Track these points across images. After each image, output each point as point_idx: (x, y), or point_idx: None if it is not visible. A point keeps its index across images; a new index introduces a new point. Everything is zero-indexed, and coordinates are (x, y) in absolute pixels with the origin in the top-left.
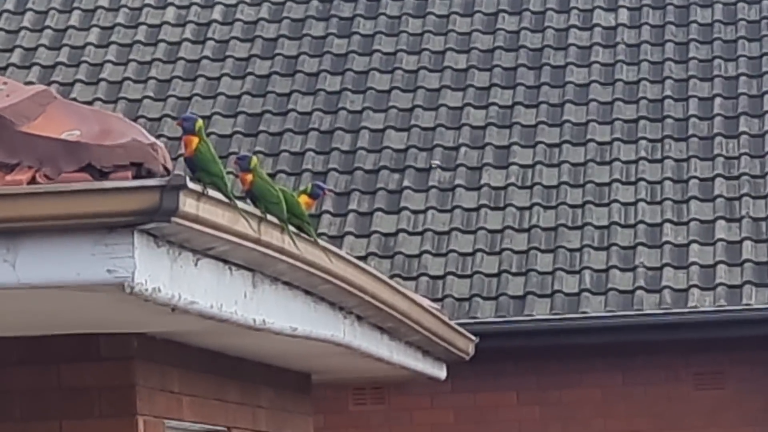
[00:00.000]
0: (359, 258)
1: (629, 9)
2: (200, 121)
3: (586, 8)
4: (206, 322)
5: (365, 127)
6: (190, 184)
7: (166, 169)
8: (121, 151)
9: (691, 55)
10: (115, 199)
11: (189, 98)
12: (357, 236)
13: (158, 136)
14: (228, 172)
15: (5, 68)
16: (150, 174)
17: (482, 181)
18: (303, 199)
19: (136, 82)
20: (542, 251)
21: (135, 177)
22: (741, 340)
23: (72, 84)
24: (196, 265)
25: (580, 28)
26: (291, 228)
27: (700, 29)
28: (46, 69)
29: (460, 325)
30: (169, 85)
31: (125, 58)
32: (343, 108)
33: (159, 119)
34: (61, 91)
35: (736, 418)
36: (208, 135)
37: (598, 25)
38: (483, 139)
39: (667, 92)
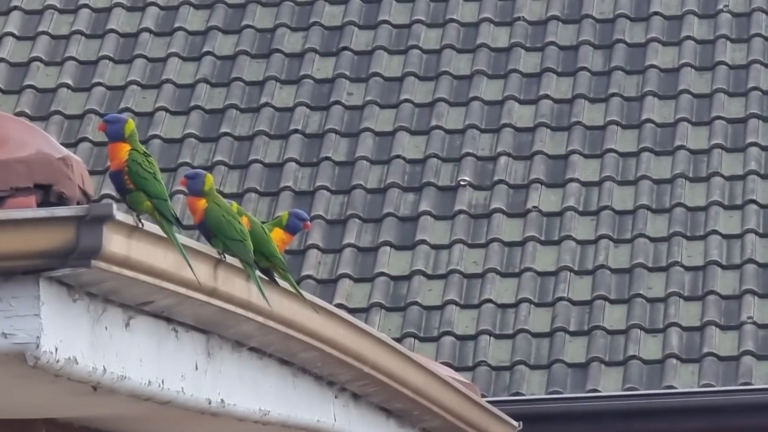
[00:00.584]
0: (359, 311)
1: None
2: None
3: None
4: (142, 405)
5: (368, 129)
6: (118, 214)
7: (84, 192)
8: (21, 168)
9: None
10: (14, 235)
11: (123, 87)
12: (356, 280)
13: (76, 144)
14: (174, 193)
15: None
16: (62, 200)
17: (529, 204)
18: (277, 234)
19: (48, 64)
20: (611, 301)
21: (41, 204)
22: None
23: None
24: (127, 326)
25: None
26: (259, 273)
27: None
28: None
29: (497, 404)
30: (94, 68)
31: (33, 30)
32: (338, 102)
33: (80, 116)
34: None
35: None
36: (145, 142)
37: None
38: (531, 146)
39: None
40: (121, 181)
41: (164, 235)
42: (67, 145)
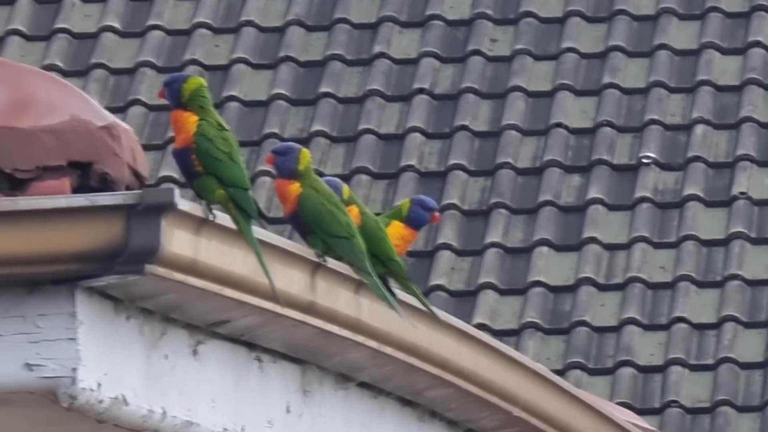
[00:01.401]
0: (505, 334)
1: None
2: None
3: None
4: None
5: (517, 88)
6: (182, 203)
7: (135, 173)
8: (50, 141)
9: None
10: (41, 231)
11: (188, 31)
12: (502, 292)
13: (125, 108)
14: (258, 175)
15: None
16: (105, 183)
17: (735, 190)
18: (395, 230)
19: (86, 0)
20: None
21: (78, 189)
22: None
23: None
24: (194, 353)
25: None
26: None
27: None
28: None
29: None
30: (150, 6)
31: None
32: (478, 51)
33: (131, 70)
34: None
35: None
36: (219, 106)
37: None
38: (737, 111)
39: None
40: (188, 163)
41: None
42: (112, 110)
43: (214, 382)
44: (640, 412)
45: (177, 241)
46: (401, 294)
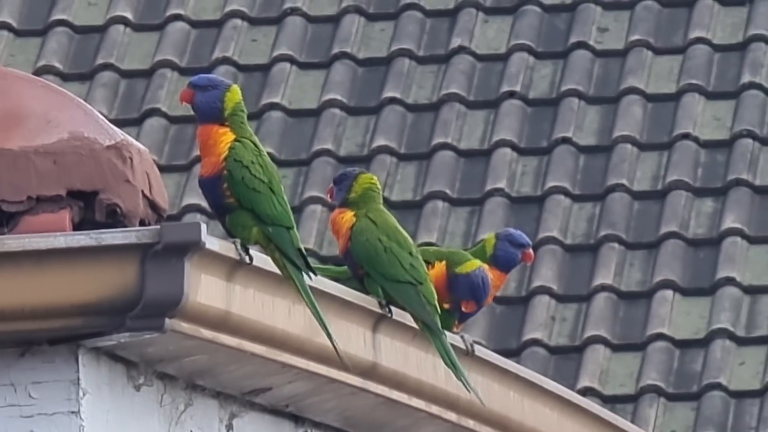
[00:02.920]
0: (620, 401)
1: None
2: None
3: None
4: None
5: None
6: (211, 241)
7: (152, 204)
8: (46, 165)
9: None
10: (36, 278)
11: (218, 22)
12: (615, 348)
13: (140, 120)
14: (307, 203)
15: None
16: (115, 217)
17: None
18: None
19: None
20: None
21: (80, 225)
22: None
23: None
24: (229, 429)
25: None
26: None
27: None
28: None
29: None
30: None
31: None
32: None
33: (147, 73)
34: None
35: None
36: (256, 116)
37: None
38: None
39: None
40: (218, 194)
41: (282, 273)
42: (123, 123)
43: None
44: None
45: (205, 289)
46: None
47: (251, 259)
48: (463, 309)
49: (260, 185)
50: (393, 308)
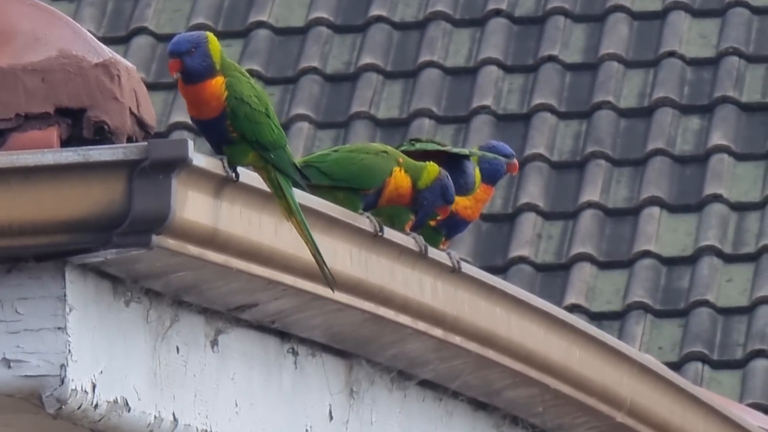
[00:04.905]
0: (607, 318)
1: None
2: (214, 39)
3: None
4: None
5: None
6: (198, 157)
7: (139, 122)
8: (33, 82)
9: None
10: (21, 195)
11: None
12: (602, 265)
13: (128, 38)
14: (294, 121)
15: None
16: (102, 134)
17: None
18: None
19: None
20: None
21: (67, 142)
22: None
23: None
24: (213, 345)
25: None
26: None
27: None
28: None
29: None
30: None
31: None
32: None
33: None
34: None
35: None
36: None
37: None
38: None
39: None
40: (220, 131)
41: (271, 192)
42: (110, 41)
43: (238, 381)
44: None
45: (192, 205)
46: (436, 253)
47: (237, 176)
48: (441, 216)
49: (260, 116)
50: (384, 229)
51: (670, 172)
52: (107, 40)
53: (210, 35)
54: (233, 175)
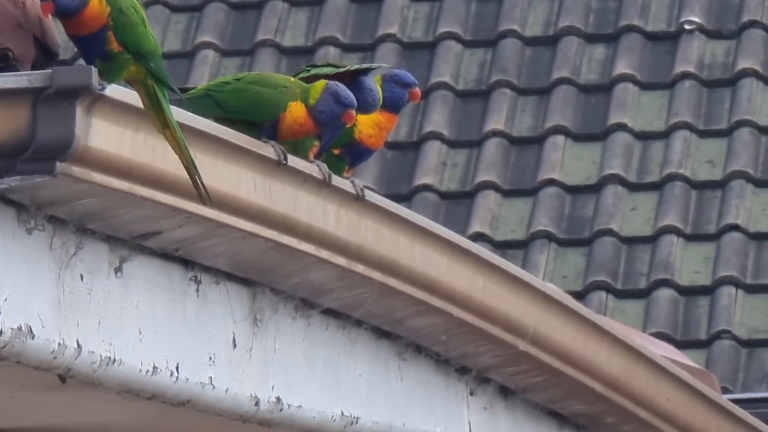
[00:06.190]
0: (510, 247)
1: None
2: None
3: None
4: (145, 407)
5: None
6: (102, 84)
7: (45, 48)
8: None
9: None
10: None
11: None
12: (506, 193)
13: None
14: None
15: None
16: (6, 62)
17: None
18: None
19: None
20: None
21: None
22: None
23: None
24: (117, 272)
25: None
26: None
27: None
28: None
29: (753, 405)
30: None
31: None
32: None
33: None
34: None
35: None
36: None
37: None
38: None
39: None
40: (100, 44)
41: (147, 105)
42: None
43: (142, 309)
44: (682, 345)
45: (96, 132)
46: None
47: (104, 88)
48: (347, 124)
49: (139, 26)
50: (288, 157)
51: (575, 101)
52: None
53: None
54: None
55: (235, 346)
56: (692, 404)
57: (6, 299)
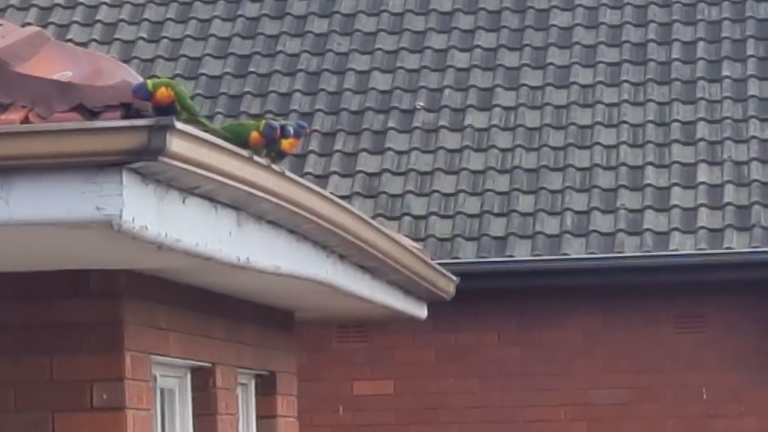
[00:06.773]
0: (343, 198)
1: None
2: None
3: None
4: (192, 260)
5: (351, 69)
6: (178, 125)
7: (155, 109)
8: (111, 92)
9: None
10: (105, 138)
11: (180, 40)
12: (342, 176)
13: (150, 77)
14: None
15: (4, 9)
16: (138, 114)
17: (465, 123)
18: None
19: (130, 23)
20: (524, 192)
21: (124, 117)
22: (721, 283)
23: (68, 26)
24: (183, 203)
25: None
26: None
27: None
28: (44, 11)
29: (442, 265)
30: (161, 26)
31: (120, 0)
32: (330, 50)
33: (151, 60)
34: (57, 33)
35: (715, 361)
36: (198, 76)
37: None
38: (467, 81)
39: (651, 36)
40: (172, 109)
41: (210, 139)
42: None
43: (193, 218)
44: (414, 240)
45: (174, 144)
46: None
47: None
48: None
49: (188, 100)
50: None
51: None
52: None
53: (147, 81)
54: (193, 131)
55: (230, 235)
56: (418, 262)
57: (137, 214)
